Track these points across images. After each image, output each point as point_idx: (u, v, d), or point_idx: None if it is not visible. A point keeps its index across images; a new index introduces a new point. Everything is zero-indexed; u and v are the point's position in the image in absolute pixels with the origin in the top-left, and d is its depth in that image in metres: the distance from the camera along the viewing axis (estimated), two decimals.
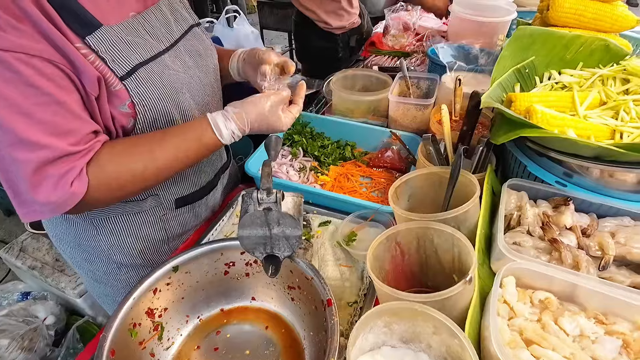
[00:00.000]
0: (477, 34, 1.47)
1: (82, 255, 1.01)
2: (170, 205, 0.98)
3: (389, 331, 0.68)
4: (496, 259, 0.77)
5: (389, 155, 1.21)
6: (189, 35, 0.93)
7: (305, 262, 0.77)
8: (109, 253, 0.97)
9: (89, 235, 0.95)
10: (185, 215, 1.02)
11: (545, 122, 0.85)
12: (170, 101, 0.83)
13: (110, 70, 0.73)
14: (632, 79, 0.96)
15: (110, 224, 0.93)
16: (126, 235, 0.96)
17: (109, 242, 0.95)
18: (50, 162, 0.67)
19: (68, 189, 0.68)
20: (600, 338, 0.63)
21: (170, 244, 1.04)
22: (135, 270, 1.02)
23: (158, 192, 0.93)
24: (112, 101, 0.75)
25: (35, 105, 0.65)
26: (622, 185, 0.84)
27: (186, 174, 0.97)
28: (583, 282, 0.67)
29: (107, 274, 1.02)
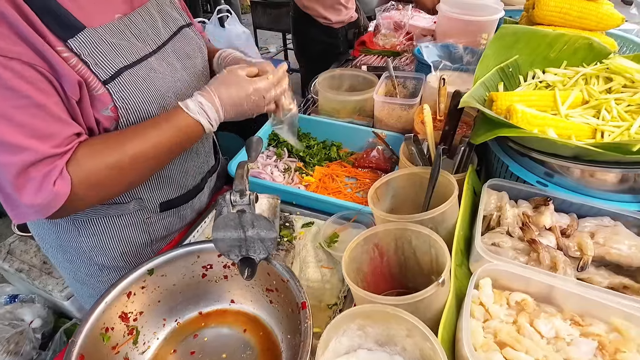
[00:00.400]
0: (464, 32, 1.46)
1: (64, 256, 1.00)
2: (154, 209, 0.97)
3: (363, 334, 0.67)
4: (474, 260, 0.76)
5: (374, 156, 1.20)
6: (177, 36, 0.91)
7: (282, 265, 0.76)
8: (91, 255, 0.97)
9: (71, 236, 0.94)
10: (169, 218, 1.01)
11: (525, 121, 0.84)
12: (155, 105, 0.82)
13: (93, 74, 0.72)
14: (614, 78, 0.96)
15: (92, 226, 0.92)
16: (108, 238, 0.95)
17: (91, 243, 0.95)
18: (32, 164, 0.66)
19: (52, 189, 0.67)
20: (575, 340, 0.62)
21: (154, 246, 1.03)
22: (117, 272, 1.01)
23: (142, 196, 0.92)
24: (94, 105, 0.74)
25: (14, 109, 0.64)
26: (602, 185, 0.83)
27: (172, 178, 0.96)
28: (560, 284, 0.67)
29: (89, 275, 1.02)
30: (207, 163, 1.08)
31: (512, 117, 0.86)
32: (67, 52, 0.69)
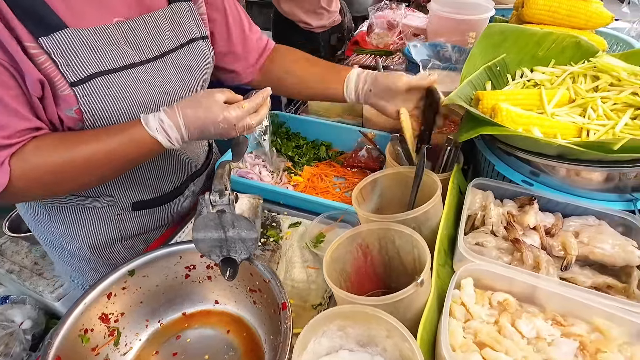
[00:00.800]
0: (456, 31, 1.45)
1: (40, 238, 1.01)
2: (126, 207, 0.96)
3: (344, 335, 0.66)
4: (458, 260, 0.75)
5: (363, 155, 1.20)
6: (185, 48, 0.89)
7: (263, 265, 0.76)
8: (61, 241, 0.97)
9: (44, 219, 0.95)
10: (144, 218, 1.00)
11: (510, 120, 0.84)
12: (130, 115, 0.79)
13: (61, 74, 0.71)
14: (601, 76, 0.95)
15: (63, 214, 0.93)
16: (78, 228, 0.95)
17: (61, 230, 0.95)
18: None
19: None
20: (556, 340, 0.62)
21: (125, 242, 1.02)
22: (86, 262, 1.01)
23: (113, 193, 0.92)
24: (58, 104, 0.73)
25: None
26: (587, 184, 0.82)
27: (146, 179, 0.95)
28: (542, 284, 0.66)
29: (61, 259, 1.03)
30: (190, 168, 1.06)
31: (497, 115, 0.85)
32: (37, 49, 0.68)
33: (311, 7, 2.08)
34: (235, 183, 1.13)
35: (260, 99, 0.79)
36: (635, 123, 0.83)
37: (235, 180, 1.13)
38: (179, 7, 0.86)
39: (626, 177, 0.79)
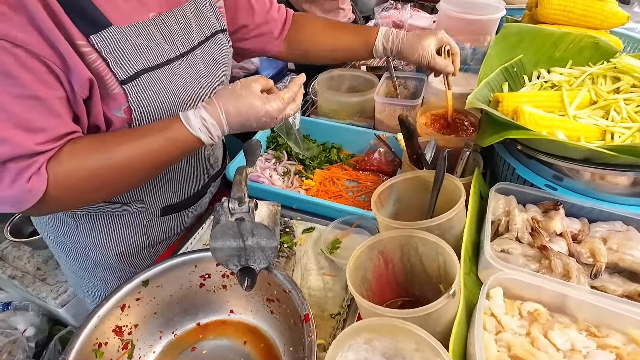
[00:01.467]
0: (466, 32, 1.43)
1: (61, 248, 0.98)
2: (156, 212, 0.94)
3: (370, 347, 0.64)
4: (483, 267, 0.73)
5: (376, 158, 1.17)
6: (210, 41, 0.88)
7: (283, 275, 0.73)
8: (86, 250, 0.95)
9: (69, 229, 0.92)
10: (170, 222, 0.99)
11: (533, 123, 0.82)
12: (171, 112, 0.79)
13: (111, 73, 0.70)
14: (622, 77, 0.93)
15: (91, 222, 0.90)
16: (106, 236, 0.93)
17: (87, 239, 0.93)
18: (11, 158, 0.63)
19: (25, 185, 0.63)
20: (592, 352, 0.60)
21: (151, 250, 1.00)
22: (111, 271, 0.99)
23: (144, 199, 0.90)
24: (107, 104, 0.72)
25: (9, 96, 0.61)
26: (613, 188, 0.80)
27: (176, 182, 0.93)
28: (573, 293, 0.64)
29: (83, 269, 1.00)
30: (214, 168, 1.06)
31: (520, 118, 0.83)
32: (88, 47, 0.67)
33: (331, 7, 2.08)
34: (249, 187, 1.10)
35: (297, 86, 0.78)
36: None
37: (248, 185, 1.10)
38: (201, 0, 0.85)
39: None
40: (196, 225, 1.03)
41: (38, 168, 0.64)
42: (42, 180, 0.64)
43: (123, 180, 0.72)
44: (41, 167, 0.64)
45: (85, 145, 0.69)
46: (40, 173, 0.64)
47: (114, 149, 0.69)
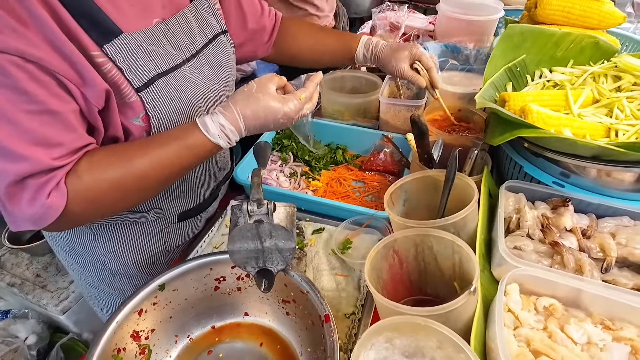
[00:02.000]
0: (466, 32, 1.45)
1: (75, 259, 0.97)
2: (173, 219, 0.94)
3: (390, 346, 0.64)
4: (497, 265, 0.74)
5: (382, 158, 1.18)
6: (212, 44, 0.88)
7: (300, 275, 0.73)
8: (104, 260, 0.94)
9: (86, 239, 0.91)
10: (185, 227, 0.99)
11: (541, 121, 0.83)
12: (185, 116, 0.79)
13: (127, 81, 0.70)
14: (623, 76, 0.96)
15: (109, 232, 0.90)
16: (124, 245, 0.92)
17: (105, 249, 0.92)
18: (30, 175, 0.62)
19: (45, 201, 0.62)
20: (608, 345, 0.61)
21: (167, 256, 1.01)
22: (128, 279, 0.99)
23: (162, 206, 0.90)
24: (124, 113, 0.71)
25: (24, 113, 0.60)
26: (620, 184, 0.82)
27: (191, 187, 0.93)
28: (587, 287, 0.65)
29: (100, 280, 0.99)
30: (224, 170, 1.06)
31: (528, 117, 0.84)
32: (103, 57, 0.67)
33: (299, 14, 2.05)
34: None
35: (314, 85, 0.78)
36: None
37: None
38: (200, 3, 0.85)
39: None
40: (205, 228, 1.03)
41: (57, 183, 0.63)
42: (61, 195, 0.63)
43: (142, 191, 0.71)
44: (60, 182, 0.63)
45: (103, 157, 0.68)
46: (59, 188, 0.63)
47: (133, 159, 0.68)
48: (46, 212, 0.63)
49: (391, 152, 1.18)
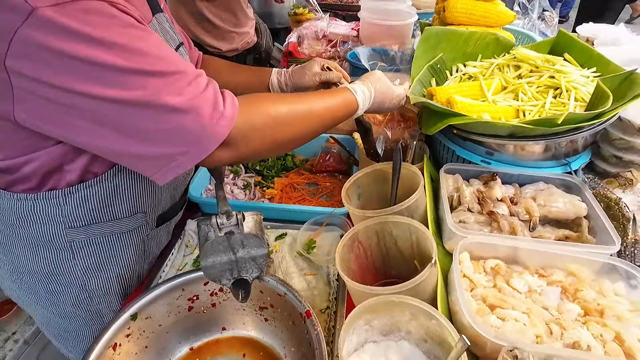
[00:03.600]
0: (387, 36, 1.58)
1: (47, 287, 0.89)
2: (152, 224, 0.93)
3: (370, 328, 0.70)
4: (448, 238, 0.84)
5: (331, 159, 1.24)
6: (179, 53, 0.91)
7: (275, 278, 0.76)
8: (83, 280, 0.88)
9: (64, 260, 0.85)
10: (161, 234, 0.98)
11: (464, 109, 0.95)
12: None
13: None
14: (522, 65, 1.13)
15: (90, 247, 0.85)
16: (106, 258, 0.88)
17: (85, 266, 0.87)
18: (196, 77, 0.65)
19: (228, 100, 0.67)
20: (544, 289, 0.73)
21: (145, 266, 0.98)
22: (106, 299, 0.93)
23: (146, 209, 0.88)
24: None
25: (157, 41, 0.64)
26: (532, 155, 0.97)
27: (165, 188, 0.93)
28: (522, 244, 0.77)
29: (75, 305, 0.92)
30: (189, 175, 1.09)
31: (453, 106, 0.96)
32: None
33: (216, 33, 2.03)
34: (209, 205, 1.10)
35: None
36: (558, 100, 1.00)
37: (209, 202, 1.10)
38: (160, 17, 0.87)
39: (560, 146, 0.95)
40: (165, 253, 1.00)
41: (221, 92, 0.68)
42: (232, 100, 0.67)
43: (309, 126, 0.79)
44: (224, 92, 0.68)
45: (266, 97, 0.79)
46: (227, 95, 0.68)
47: (307, 97, 0.80)
48: (232, 102, 0.67)
49: (339, 152, 1.25)
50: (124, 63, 0.57)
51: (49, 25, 0.53)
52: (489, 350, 0.62)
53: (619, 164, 1.03)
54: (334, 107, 0.82)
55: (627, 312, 0.67)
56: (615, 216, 0.87)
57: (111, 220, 0.83)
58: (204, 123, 0.63)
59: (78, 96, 0.57)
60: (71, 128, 0.62)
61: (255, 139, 0.70)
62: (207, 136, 0.64)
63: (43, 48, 0.54)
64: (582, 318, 0.68)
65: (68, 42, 0.54)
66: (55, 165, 0.72)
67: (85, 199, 0.78)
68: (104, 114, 0.59)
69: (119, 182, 0.79)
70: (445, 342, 0.63)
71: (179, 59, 0.65)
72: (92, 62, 0.56)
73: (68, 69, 0.56)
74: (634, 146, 0.99)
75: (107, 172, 0.77)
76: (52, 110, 0.59)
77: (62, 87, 0.57)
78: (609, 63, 1.05)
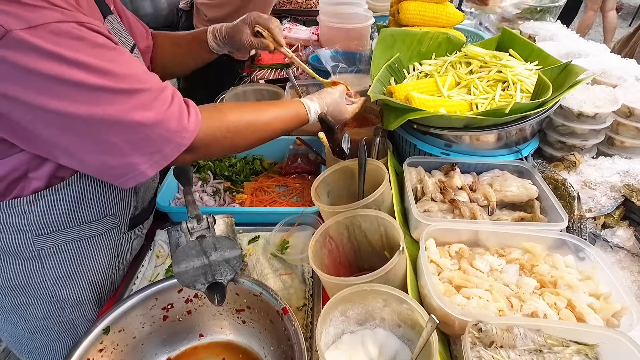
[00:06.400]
0: (346, 38, 1.63)
1: (14, 302, 0.85)
2: (124, 227, 0.92)
3: (345, 319, 0.72)
4: (414, 227, 0.88)
5: (299, 161, 1.26)
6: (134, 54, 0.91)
7: (250, 279, 0.77)
8: (54, 290, 0.85)
9: (32, 270, 0.82)
10: (134, 237, 0.97)
11: (422, 105, 1.00)
12: None
13: None
14: (472, 62, 1.20)
15: (60, 254, 0.83)
16: (77, 265, 0.86)
17: (56, 276, 0.84)
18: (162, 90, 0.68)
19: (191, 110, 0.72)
20: (504, 267, 0.78)
21: (119, 272, 0.96)
22: (78, 308, 0.90)
23: (116, 212, 0.87)
24: None
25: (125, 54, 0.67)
26: (486, 145, 1.04)
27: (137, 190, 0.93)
28: (482, 227, 0.82)
29: (46, 317, 0.88)
30: (156, 178, 1.07)
31: (412, 102, 1.01)
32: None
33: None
34: (178, 214, 1.08)
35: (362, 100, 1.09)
36: (506, 93, 1.07)
37: (177, 211, 1.08)
38: (112, 19, 0.87)
39: (510, 135, 1.02)
40: (135, 263, 0.98)
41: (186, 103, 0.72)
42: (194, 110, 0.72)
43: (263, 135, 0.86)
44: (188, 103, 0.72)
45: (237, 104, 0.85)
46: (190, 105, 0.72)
47: (262, 109, 0.85)
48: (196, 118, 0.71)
49: (306, 153, 1.27)
50: (93, 81, 0.60)
51: (23, 46, 0.56)
52: (458, 327, 0.66)
53: (563, 148, 1.12)
54: (286, 119, 0.90)
55: (576, 281, 0.73)
56: (562, 195, 0.94)
57: (80, 225, 0.82)
58: (170, 136, 0.68)
59: (49, 112, 0.59)
60: (40, 142, 0.64)
61: (214, 146, 0.78)
62: (171, 146, 0.69)
63: (16, 67, 0.56)
64: (539, 290, 0.74)
65: (41, 62, 0.57)
66: (20, 173, 0.71)
67: (53, 204, 0.76)
68: (74, 129, 0.62)
69: (86, 185, 0.78)
70: (417, 325, 0.66)
71: (146, 76, 0.68)
72: (63, 80, 0.58)
73: (40, 86, 0.58)
74: (574, 131, 1.08)
75: (74, 175, 0.76)
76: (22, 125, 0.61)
77: (32, 104, 0.58)
78: (548, 56, 1.15)
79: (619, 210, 0.94)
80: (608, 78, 1.19)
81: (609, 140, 1.14)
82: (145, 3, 2.72)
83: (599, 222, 0.93)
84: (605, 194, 0.96)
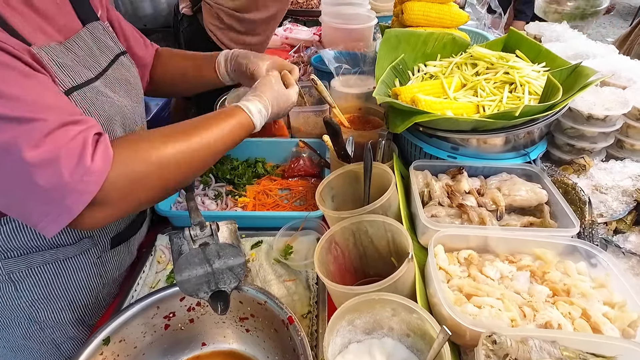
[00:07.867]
0: (349, 39, 1.61)
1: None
2: (105, 246, 0.87)
3: (353, 328, 0.70)
4: (422, 233, 0.86)
5: (301, 164, 1.24)
6: (116, 64, 0.87)
7: (254, 287, 0.74)
8: (30, 312, 0.82)
9: (5, 293, 0.79)
10: (120, 254, 0.92)
11: (428, 107, 0.98)
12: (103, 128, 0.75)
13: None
14: (478, 63, 1.18)
15: (34, 276, 0.79)
16: (55, 288, 0.82)
17: (31, 298, 0.80)
18: (62, 125, 0.57)
19: (100, 148, 0.60)
20: (515, 274, 0.76)
21: (105, 290, 0.92)
22: (60, 330, 0.87)
23: (92, 234, 0.83)
24: None
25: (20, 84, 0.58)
26: (494, 148, 1.02)
27: None
28: (491, 233, 0.80)
29: (26, 338, 0.85)
30: None
31: (418, 105, 0.99)
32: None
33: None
34: (179, 218, 1.06)
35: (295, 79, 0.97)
36: (514, 95, 1.05)
37: (178, 215, 1.06)
38: (93, 26, 0.84)
39: (519, 138, 1.00)
40: (137, 270, 0.96)
41: (95, 142, 0.60)
42: (105, 154, 0.59)
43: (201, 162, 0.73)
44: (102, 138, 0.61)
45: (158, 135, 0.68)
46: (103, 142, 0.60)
47: (195, 132, 0.71)
48: (105, 154, 0.59)
49: (309, 156, 1.25)
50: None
51: None
52: (469, 337, 0.64)
53: (572, 151, 1.10)
54: (228, 134, 0.76)
55: (590, 289, 0.71)
56: (573, 200, 0.92)
57: (54, 248, 0.78)
58: (63, 181, 0.55)
59: None
60: None
61: (136, 191, 0.63)
62: (69, 196, 0.56)
63: None
64: (551, 298, 0.72)
65: None
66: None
67: (18, 229, 0.73)
68: None
69: None
70: (427, 335, 0.64)
71: (49, 107, 0.58)
72: None
73: None
74: (583, 134, 1.06)
75: None
76: None
77: None
78: (556, 58, 1.13)
79: (631, 215, 0.92)
80: (617, 79, 1.17)
81: (618, 143, 1.12)
82: (145, 3, 2.70)
83: (610, 227, 0.91)
84: (617, 199, 0.94)
